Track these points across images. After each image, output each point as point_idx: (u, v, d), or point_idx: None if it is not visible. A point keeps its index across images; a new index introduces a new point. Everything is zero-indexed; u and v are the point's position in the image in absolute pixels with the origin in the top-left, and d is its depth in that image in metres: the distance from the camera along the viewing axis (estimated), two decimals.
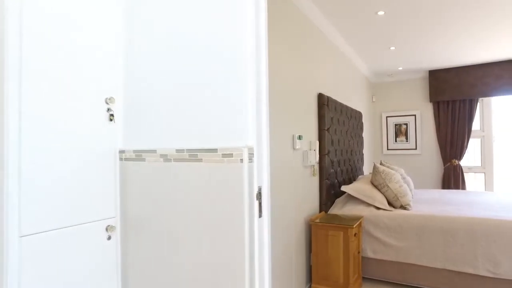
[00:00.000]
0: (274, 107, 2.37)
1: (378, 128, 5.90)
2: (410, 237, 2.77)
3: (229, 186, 1.09)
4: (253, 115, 1.10)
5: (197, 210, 1.18)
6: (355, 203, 3.16)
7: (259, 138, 1.11)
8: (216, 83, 1.16)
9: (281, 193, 2.46)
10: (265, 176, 1.12)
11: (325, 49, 3.49)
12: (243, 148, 1.07)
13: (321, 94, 3.22)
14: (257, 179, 1.08)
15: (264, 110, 1.15)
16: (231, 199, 1.09)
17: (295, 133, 2.66)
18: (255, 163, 1.09)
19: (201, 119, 1.19)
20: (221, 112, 1.14)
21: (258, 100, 1.12)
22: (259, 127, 1.11)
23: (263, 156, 1.12)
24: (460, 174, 5.08)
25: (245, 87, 1.10)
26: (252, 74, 1.11)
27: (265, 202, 1.11)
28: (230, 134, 1.11)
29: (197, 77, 1.21)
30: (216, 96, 1.16)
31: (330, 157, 3.32)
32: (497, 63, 4.91)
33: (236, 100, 1.11)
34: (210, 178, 1.14)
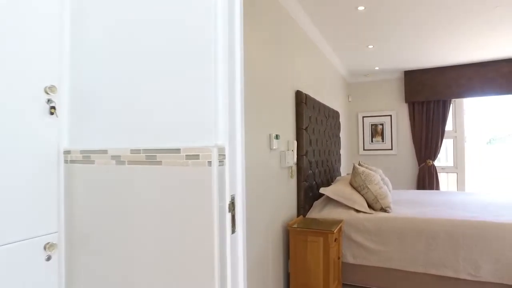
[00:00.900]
0: (250, 103, 2.18)
1: (354, 128, 5.85)
2: (391, 241, 2.66)
3: (194, 195, 0.88)
4: (225, 108, 0.90)
5: (155, 225, 0.96)
6: (334, 206, 3.02)
7: (232, 136, 0.91)
8: (180, 69, 0.95)
9: (257, 196, 2.27)
10: (240, 183, 0.92)
11: (303, 46, 3.34)
12: (212, 148, 0.86)
13: (299, 91, 3.06)
14: (229, 187, 0.88)
15: (238, 103, 0.95)
16: (197, 211, 0.88)
17: (272, 132, 2.48)
18: (227, 167, 0.89)
19: (161, 112, 0.97)
20: (186, 104, 0.93)
21: (231, 90, 0.92)
22: (232, 122, 0.92)
23: (237, 158, 0.92)
24: (434, 174, 5.11)
25: (214, 74, 0.90)
26: (224, 59, 0.91)
27: (240, 214, 0.91)
28: (196, 131, 0.91)
29: (157, 62, 0.99)
30: (179, 85, 0.95)
31: (308, 158, 3.17)
32: (469, 65, 4.97)
33: (204, 90, 0.90)
34: (171, 185, 0.93)
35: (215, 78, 0.90)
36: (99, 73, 1.12)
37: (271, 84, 2.52)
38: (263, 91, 2.37)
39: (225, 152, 0.88)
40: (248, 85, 2.14)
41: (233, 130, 0.91)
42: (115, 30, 1.08)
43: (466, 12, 3.23)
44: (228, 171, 0.89)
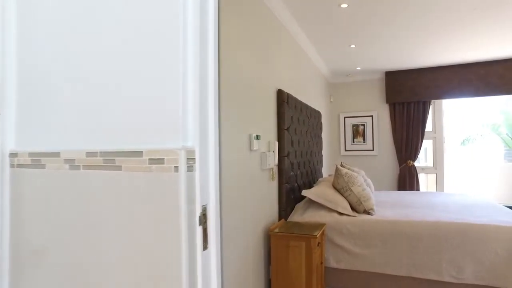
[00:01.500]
0: (228, 102, 2.05)
1: (336, 129, 5.81)
2: (375, 244, 2.59)
3: (158, 207, 0.75)
4: (195, 105, 0.77)
5: (114, 240, 0.82)
6: (316, 208, 2.93)
7: (204, 137, 0.78)
8: (143, 63, 0.81)
9: (236, 200, 2.14)
10: (213, 191, 0.79)
11: (285, 44, 3.24)
12: (179, 150, 0.73)
13: (281, 90, 2.95)
14: (200, 196, 0.75)
15: (211, 100, 0.82)
16: (162, 226, 0.75)
17: (252, 133, 2.36)
18: (198, 172, 0.76)
19: (122, 110, 0.83)
20: (149, 101, 0.79)
21: (203, 86, 0.80)
22: (204, 121, 0.79)
23: (210, 162, 0.79)
24: (414, 174, 5.13)
25: (183, 68, 0.77)
26: (195, 52, 0.78)
27: (213, 227, 0.79)
28: (161, 132, 0.77)
29: (116, 56, 0.85)
30: (141, 80, 0.81)
31: (290, 159, 3.06)
32: (448, 66, 5.02)
33: (170, 85, 0.77)
34: (132, 194, 0.79)
35: (184, 72, 0.77)
36: (50, 67, 0.97)
37: (251, 82, 2.40)
38: (243, 89, 2.25)
39: (195, 156, 0.75)
40: (227, 83, 2.01)
41: (205, 130, 0.79)
42: (75, 17, 0.93)
43: (444, 14, 3.23)
44: (199, 177, 0.76)
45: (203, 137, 0.78)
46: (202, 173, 0.77)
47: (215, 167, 0.80)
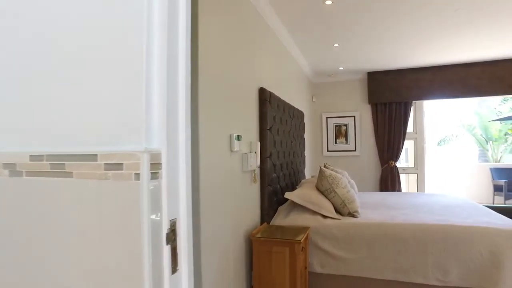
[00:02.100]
0: (207, 100, 1.91)
1: (318, 129, 5.76)
2: (360, 248, 2.51)
3: (115, 222, 0.61)
4: (162, 101, 0.64)
5: (61, 265, 0.67)
6: (300, 211, 2.83)
7: (173, 138, 0.65)
8: (97, 43, 0.67)
9: (216, 205, 2.01)
10: (184, 202, 0.66)
11: (268, 41, 3.13)
12: (141, 154, 0.60)
13: (263, 88, 2.84)
14: (168, 208, 0.62)
15: (182, 95, 0.69)
16: (120, 246, 0.61)
17: (233, 133, 2.23)
18: (165, 180, 0.62)
19: (72, 103, 0.69)
20: (106, 92, 0.66)
21: (171, 79, 0.67)
22: (172, 120, 0.66)
23: (180, 169, 0.66)
24: (396, 175, 5.14)
25: (146, 57, 0.64)
26: (162, 39, 0.65)
27: (184, 245, 0.65)
28: (120, 130, 0.63)
29: (65, 31, 0.70)
30: (96, 66, 0.67)
31: (273, 160, 2.96)
32: (430, 68, 5.06)
33: (131, 73, 0.63)
34: (84, 207, 0.65)
35: (148, 61, 0.63)
36: None
37: (232, 79, 2.27)
38: (223, 87, 2.12)
39: (161, 160, 0.62)
40: (205, 80, 1.88)
41: (174, 130, 0.65)
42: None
43: (427, 14, 3.21)
44: (167, 186, 0.62)
45: (172, 137, 0.65)
46: (171, 181, 0.64)
47: (187, 173, 0.67)
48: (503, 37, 3.89)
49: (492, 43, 4.08)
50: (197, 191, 1.80)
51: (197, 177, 1.80)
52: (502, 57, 4.73)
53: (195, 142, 1.81)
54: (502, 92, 4.95)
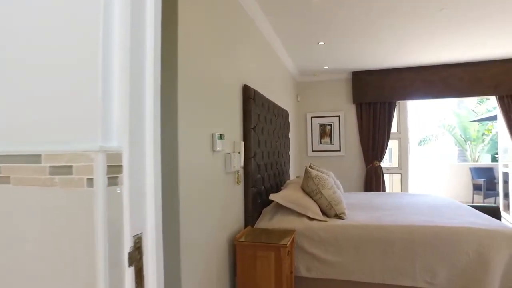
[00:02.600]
0: (188, 97, 1.79)
1: (303, 129, 5.70)
2: (347, 251, 2.44)
3: (62, 240, 0.49)
4: (124, 91, 0.52)
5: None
6: (285, 213, 2.74)
7: (138, 135, 0.53)
8: (43, 27, 0.54)
9: (197, 208, 1.88)
10: (152, 212, 0.54)
11: (252, 36, 3.02)
12: (95, 154, 0.48)
13: (247, 86, 2.73)
14: (131, 222, 0.50)
15: (149, 84, 0.57)
16: (70, 271, 0.48)
17: (215, 132, 2.11)
18: (127, 187, 0.50)
19: (10, 95, 0.56)
20: (54, 82, 0.53)
21: (135, 64, 0.55)
22: (137, 113, 0.54)
23: (147, 172, 0.54)
24: (380, 175, 5.13)
25: (103, 37, 0.51)
26: (124, 16, 0.52)
27: (152, 266, 0.53)
28: (70, 124, 0.51)
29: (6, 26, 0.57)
30: (43, 46, 0.54)
31: (257, 161, 2.85)
32: (413, 68, 5.07)
33: (84, 54, 0.51)
34: (23, 220, 0.52)
35: (106, 50, 0.51)
36: None
37: (214, 75, 2.15)
38: (205, 83, 1.99)
39: (122, 161, 0.50)
40: (185, 74, 1.75)
41: (140, 127, 0.54)
42: None
43: (411, 14, 3.18)
44: (129, 193, 0.50)
45: (137, 135, 0.53)
46: (135, 188, 0.52)
47: (156, 178, 0.55)
48: (484, 39, 3.93)
49: (474, 44, 4.11)
50: (176, 195, 1.68)
51: (176, 179, 1.67)
52: (482, 59, 4.79)
53: (174, 142, 1.68)
54: (481, 93, 5.02)
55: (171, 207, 1.68)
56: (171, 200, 1.68)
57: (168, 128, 1.68)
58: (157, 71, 0.58)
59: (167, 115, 1.69)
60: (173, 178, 1.68)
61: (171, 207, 1.68)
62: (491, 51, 4.42)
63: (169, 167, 1.68)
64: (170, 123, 1.68)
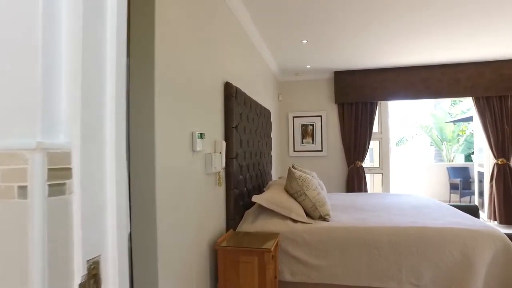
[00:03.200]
0: (165, 93, 1.65)
1: (284, 129, 5.63)
2: (332, 254, 2.36)
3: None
4: (75, 75, 0.39)
5: None
6: (268, 215, 2.63)
7: (95, 131, 0.41)
8: None
9: (175, 212, 1.75)
10: (113, 229, 0.42)
11: (233, 33, 2.90)
12: (30, 153, 0.35)
13: (229, 83, 2.61)
14: (83, 242, 0.38)
15: (111, 69, 0.45)
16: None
17: (195, 130, 1.98)
18: (78, 196, 0.38)
19: None
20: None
21: (89, 28, 0.42)
22: (95, 105, 0.42)
23: (108, 177, 0.42)
24: (362, 175, 5.13)
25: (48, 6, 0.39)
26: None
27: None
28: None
29: None
30: None
31: (239, 161, 2.73)
32: (394, 68, 5.10)
33: (17, 34, 0.38)
34: None
35: (49, 4, 0.39)
36: None
37: (194, 71, 2.02)
38: (184, 78, 1.86)
39: (71, 163, 0.38)
40: (162, 68, 1.62)
41: (98, 116, 0.41)
42: None
43: (398, 14, 3.16)
44: (82, 205, 0.38)
45: (93, 126, 0.40)
46: (90, 198, 0.39)
47: (119, 183, 0.43)
48: (462, 41, 3.97)
49: (452, 46, 4.16)
50: (152, 199, 1.54)
51: (152, 182, 1.54)
52: (460, 61, 4.87)
53: (150, 141, 1.54)
54: (459, 94, 5.10)
55: (147, 212, 1.55)
56: (147, 205, 1.54)
57: (144, 126, 1.55)
58: (121, 62, 0.46)
59: (142, 111, 1.55)
60: (149, 180, 1.54)
61: (147, 212, 1.55)
62: (468, 53, 4.50)
63: (145, 168, 1.54)
64: (145, 120, 1.55)
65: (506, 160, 4.91)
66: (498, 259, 2.25)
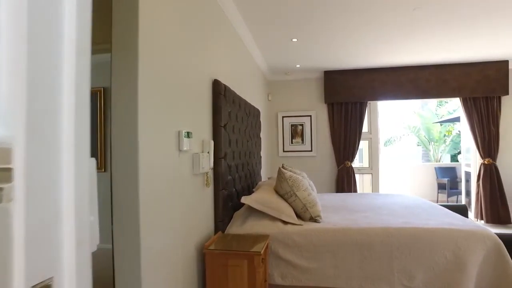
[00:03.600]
0: (150, 89, 1.57)
1: (274, 129, 5.57)
2: (324, 256, 2.31)
3: None
4: (18, 34, 0.31)
5: None
6: (258, 217, 2.56)
7: (47, 118, 0.33)
8: None
9: (161, 214, 1.66)
10: (71, 244, 0.34)
11: (223, 30, 2.82)
12: None
13: (218, 81, 2.53)
14: (27, 262, 0.30)
15: (70, 50, 0.37)
16: None
17: (181, 129, 1.89)
18: (22, 205, 0.30)
19: None
20: None
21: (38, 15, 0.34)
22: (45, 78, 0.34)
23: (63, 180, 0.34)
24: (352, 175, 5.10)
25: None
26: None
27: None
28: None
29: None
30: None
31: (228, 161, 2.65)
32: (384, 68, 5.10)
33: None
34: None
35: None
36: None
37: (182, 67, 1.93)
38: (170, 74, 1.77)
39: (11, 162, 0.30)
40: (147, 63, 1.53)
41: (50, 111, 0.33)
42: None
43: (386, 13, 3.13)
44: (26, 215, 0.30)
45: (43, 120, 0.33)
46: (37, 206, 0.31)
47: (79, 186, 0.35)
48: (450, 42, 3.98)
49: (441, 47, 4.17)
50: (136, 201, 1.45)
51: (135, 183, 1.45)
52: (449, 62, 4.90)
53: (134, 140, 1.45)
54: (447, 95, 5.13)
55: (129, 215, 1.46)
56: (130, 207, 1.45)
57: (126, 124, 1.46)
58: (84, 25, 0.38)
59: (124, 108, 1.46)
60: (132, 181, 1.45)
61: (130, 214, 1.45)
62: (456, 54, 4.52)
63: (127, 169, 1.45)
64: (128, 117, 1.46)
65: (492, 160, 4.96)
66: (489, 259, 2.23)
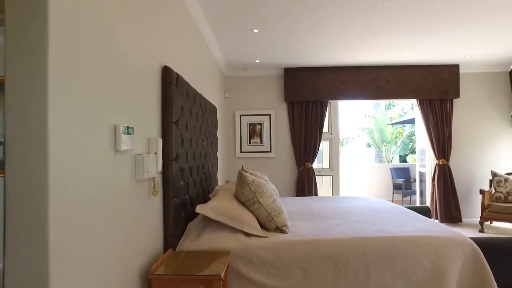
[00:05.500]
0: (69, 70, 1.12)
1: (231, 128, 5.21)
2: (293, 273, 1.99)
3: None
4: None
5: None
6: (216, 228, 2.18)
7: None
8: None
9: (85, 234, 1.22)
10: None
11: (175, 8, 2.41)
12: None
13: (168, 68, 2.11)
14: None
15: None
16: None
17: (119, 123, 1.46)
18: None
19: None
20: None
21: None
22: None
23: None
24: (312, 177, 4.91)
25: None
26: None
27: None
28: None
29: None
30: None
31: (180, 164, 2.25)
32: (345, 67, 4.98)
33: None
34: None
35: None
36: None
37: (121, 46, 1.50)
38: (101, 52, 1.34)
39: None
40: (62, 30, 1.09)
41: None
42: None
43: (351, 3, 2.93)
44: None
45: None
46: None
47: None
48: (414, 40, 3.93)
49: (404, 45, 4.12)
50: (42, 217, 1.00)
51: (45, 193, 1.01)
52: (408, 63, 4.92)
53: (41, 136, 1.01)
54: (405, 96, 5.15)
55: (31, 237, 1.01)
56: (32, 226, 1.00)
57: (29, 115, 1.01)
58: None
59: (26, 94, 1.01)
60: (36, 192, 1.00)
61: (31, 236, 1.01)
62: (416, 55, 4.53)
63: (30, 176, 1.00)
64: (32, 106, 1.01)
65: (446, 160, 5.05)
66: (468, 266, 2.08)
